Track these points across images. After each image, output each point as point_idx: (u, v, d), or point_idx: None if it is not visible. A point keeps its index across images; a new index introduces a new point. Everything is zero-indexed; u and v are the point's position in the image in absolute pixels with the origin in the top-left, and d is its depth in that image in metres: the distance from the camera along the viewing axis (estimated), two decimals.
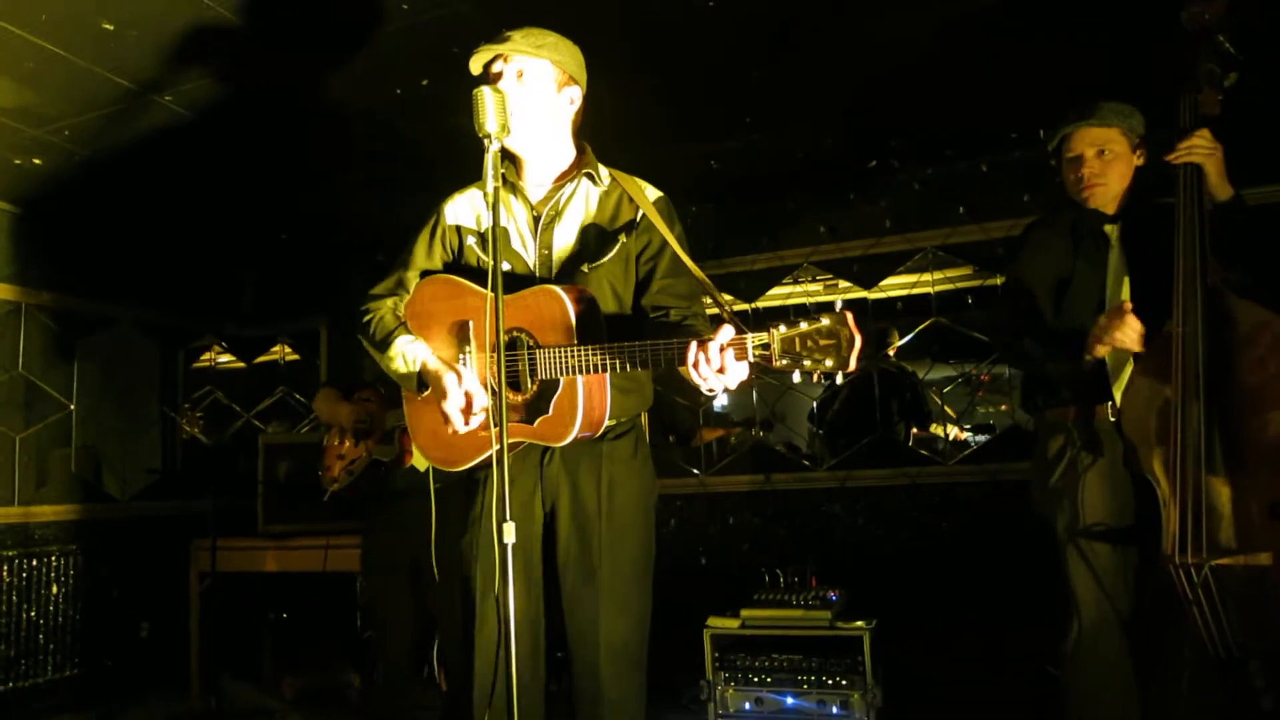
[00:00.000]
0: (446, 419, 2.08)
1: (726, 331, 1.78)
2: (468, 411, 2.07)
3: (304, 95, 3.52)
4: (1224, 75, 2.47)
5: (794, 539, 4.49)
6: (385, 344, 2.21)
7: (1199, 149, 2.41)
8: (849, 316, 1.71)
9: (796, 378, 1.74)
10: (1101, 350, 2.46)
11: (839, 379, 1.75)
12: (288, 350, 5.88)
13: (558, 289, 2.03)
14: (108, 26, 2.96)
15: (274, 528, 4.70)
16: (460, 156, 3.79)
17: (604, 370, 1.96)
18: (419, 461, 3.43)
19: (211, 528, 4.33)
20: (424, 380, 2.16)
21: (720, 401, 5.24)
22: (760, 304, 4.76)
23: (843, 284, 4.68)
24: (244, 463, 5.30)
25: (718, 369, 1.78)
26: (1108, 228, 2.69)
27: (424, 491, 3.33)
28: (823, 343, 1.70)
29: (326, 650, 4.80)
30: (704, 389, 1.86)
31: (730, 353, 1.77)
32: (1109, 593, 2.50)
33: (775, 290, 4.78)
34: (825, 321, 1.71)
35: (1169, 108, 2.53)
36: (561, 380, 2.01)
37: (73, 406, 4.95)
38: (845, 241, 4.59)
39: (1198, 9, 2.47)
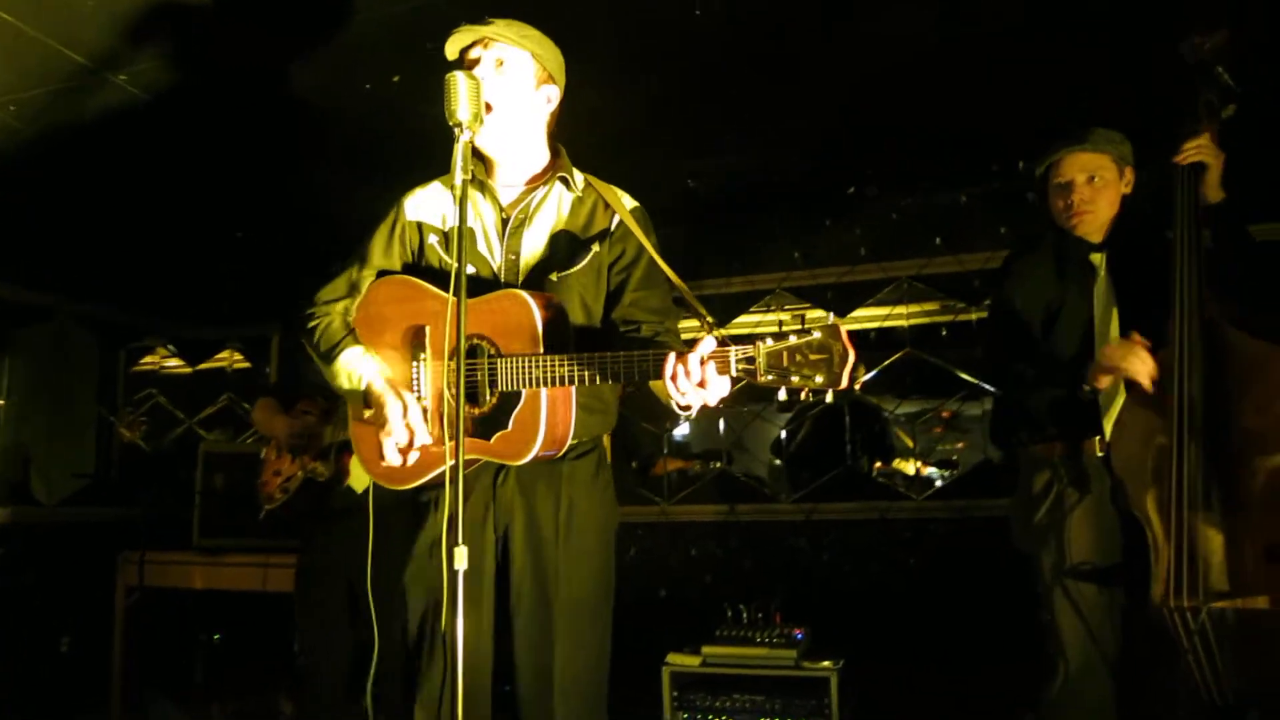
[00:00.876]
0: (381, 452, 1.95)
1: (708, 343, 1.66)
2: (406, 450, 1.95)
3: (268, 85, 3.36)
4: (1222, 107, 2.45)
5: (759, 572, 4.36)
6: (330, 356, 2.08)
7: (1206, 148, 2.38)
8: (842, 330, 1.60)
9: (782, 395, 1.62)
10: (1105, 381, 2.40)
11: (829, 397, 1.62)
12: (237, 356, 5.66)
13: (524, 294, 1.91)
14: None
15: (209, 542, 4.45)
16: (431, 158, 3.68)
17: (571, 382, 1.83)
18: (357, 482, 3.28)
19: (141, 538, 4.10)
20: (369, 401, 2.02)
21: (681, 431, 5.12)
22: (730, 330, 4.65)
23: (814, 313, 4.59)
24: (184, 471, 5.05)
25: (698, 382, 1.65)
26: (1094, 256, 2.65)
27: (361, 511, 3.20)
28: (813, 357, 1.58)
29: (260, 674, 4.56)
30: (679, 405, 1.73)
31: (711, 366, 1.65)
32: (1096, 634, 2.43)
33: (744, 318, 4.69)
34: (816, 335, 1.59)
35: (1165, 141, 2.47)
36: (524, 393, 1.87)
37: (2, 402, 4.68)
38: (819, 268, 4.51)
39: (1197, 40, 2.45)
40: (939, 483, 4.47)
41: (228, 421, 5.55)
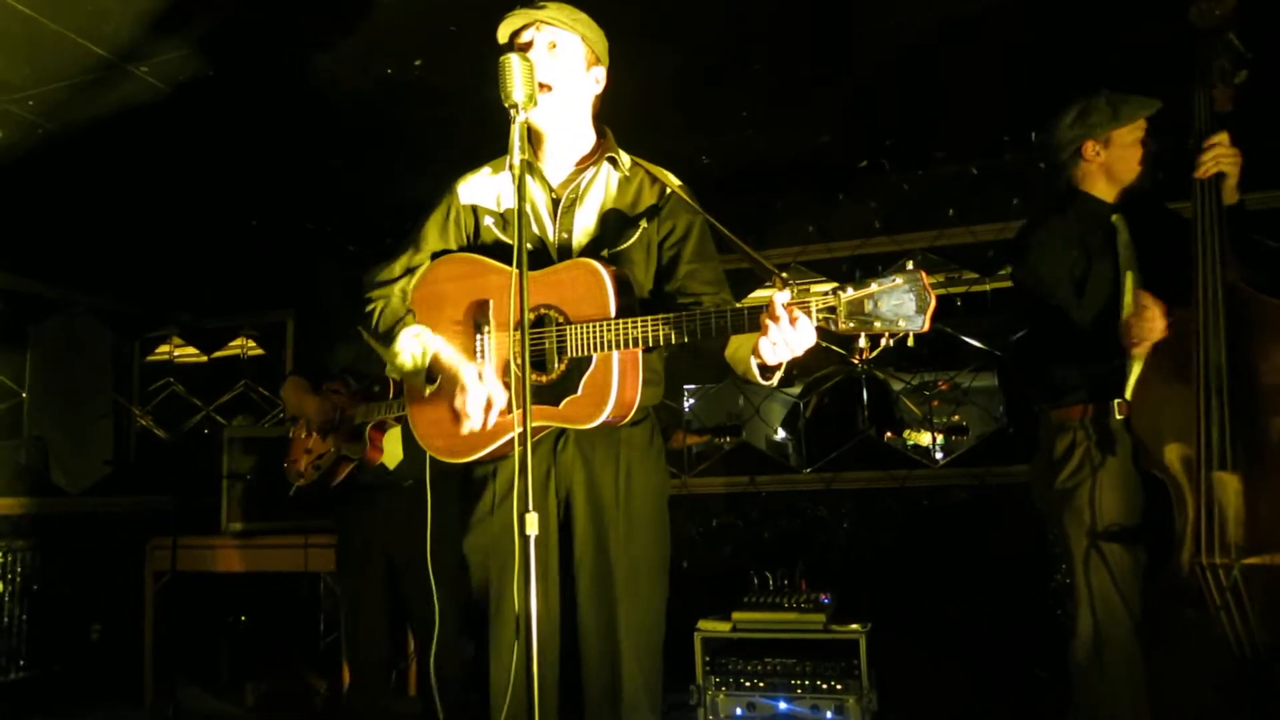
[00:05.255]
0: (460, 417, 1.96)
1: (785, 294, 1.69)
2: (488, 409, 1.94)
3: (290, 72, 3.38)
4: (1234, 72, 2.47)
5: (779, 541, 4.43)
6: (390, 335, 2.09)
7: (1225, 157, 2.41)
8: (923, 275, 1.63)
9: (863, 341, 1.66)
10: (1140, 349, 2.42)
11: (910, 341, 1.67)
12: (251, 343, 5.69)
13: (594, 261, 1.95)
14: None
15: (236, 525, 4.50)
16: (454, 143, 3.69)
17: (648, 343, 1.86)
18: (389, 459, 3.33)
19: (173, 524, 4.14)
20: (433, 374, 2.04)
21: (689, 402, 5.18)
22: (744, 305, 4.69)
23: (828, 286, 4.63)
24: (202, 458, 5.10)
25: (790, 322, 1.66)
26: (1114, 218, 2.69)
27: (395, 488, 3.27)
28: (895, 303, 1.62)
29: (290, 654, 4.62)
30: (767, 364, 1.76)
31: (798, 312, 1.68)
32: (1124, 593, 2.47)
33: (759, 292, 4.72)
34: (899, 280, 1.63)
35: (1181, 104, 2.53)
36: (595, 357, 1.91)
37: (24, 394, 4.71)
38: (834, 241, 4.56)
39: (1207, 6, 2.47)
40: (939, 453, 4.53)
41: (245, 407, 5.59)
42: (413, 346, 2.05)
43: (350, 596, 3.45)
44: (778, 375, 1.84)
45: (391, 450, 3.35)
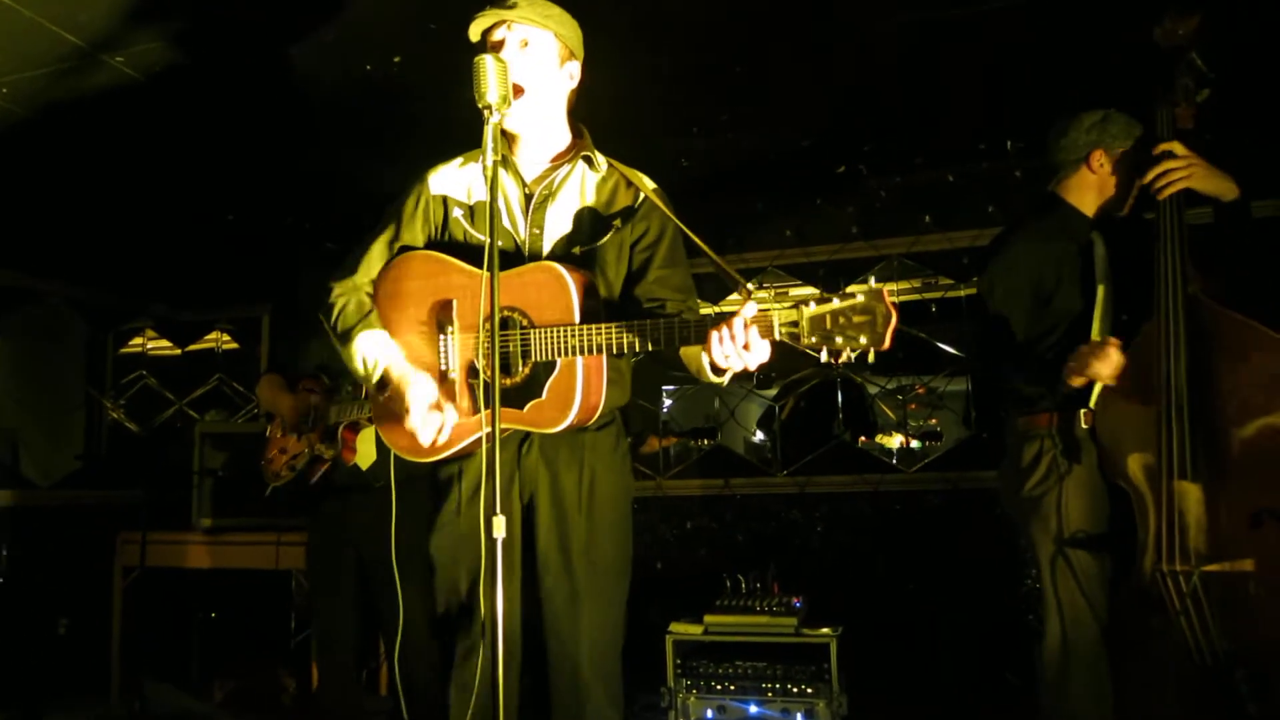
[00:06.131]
0: (409, 432, 1.96)
1: (750, 308, 1.71)
2: (439, 429, 1.95)
3: (267, 65, 3.35)
4: (1197, 91, 2.50)
5: (753, 544, 4.44)
6: (347, 337, 2.08)
7: (1178, 174, 2.41)
8: (885, 293, 1.64)
9: (824, 357, 1.67)
10: (1078, 381, 2.43)
11: (870, 358, 1.69)
12: (225, 338, 5.65)
13: (558, 266, 1.95)
14: None
15: (207, 521, 4.47)
16: (433, 139, 3.68)
17: (611, 350, 1.86)
18: (362, 460, 3.31)
19: (144, 519, 4.10)
20: (385, 384, 2.03)
21: (666, 403, 5.19)
22: (723, 308, 4.71)
23: (806, 291, 4.66)
24: (174, 453, 5.06)
25: (743, 345, 1.69)
26: (1093, 234, 2.68)
27: (367, 488, 3.25)
28: (857, 320, 1.63)
29: (259, 651, 4.59)
30: (717, 368, 1.78)
31: (754, 330, 1.70)
32: (1090, 599, 2.49)
33: (735, 296, 4.73)
34: (860, 298, 1.64)
35: (1145, 120, 2.57)
36: (559, 362, 1.91)
37: None
38: (811, 246, 4.58)
39: (1170, 26, 2.50)
40: (914, 454, 4.56)
41: (219, 403, 5.55)
42: (367, 353, 2.04)
43: (321, 596, 3.43)
44: (729, 375, 1.85)
45: (365, 450, 3.32)
